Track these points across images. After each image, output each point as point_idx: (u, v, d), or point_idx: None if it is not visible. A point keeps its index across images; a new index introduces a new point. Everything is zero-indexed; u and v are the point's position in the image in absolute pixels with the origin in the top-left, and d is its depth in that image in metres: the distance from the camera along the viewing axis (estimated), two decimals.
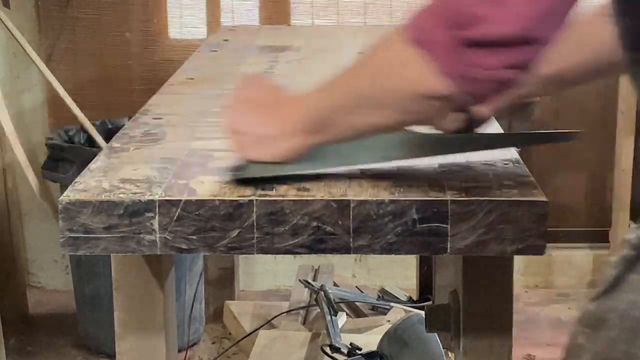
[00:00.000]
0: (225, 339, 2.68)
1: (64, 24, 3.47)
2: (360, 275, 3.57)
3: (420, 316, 2.17)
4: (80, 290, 3.07)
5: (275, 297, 3.32)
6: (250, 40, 2.50)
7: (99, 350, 3.06)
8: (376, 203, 1.17)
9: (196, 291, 3.01)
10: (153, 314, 1.34)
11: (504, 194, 1.19)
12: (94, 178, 1.26)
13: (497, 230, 1.17)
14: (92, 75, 3.49)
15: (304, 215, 1.17)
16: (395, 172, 1.29)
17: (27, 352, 3.10)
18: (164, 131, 1.52)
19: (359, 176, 1.26)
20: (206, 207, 1.18)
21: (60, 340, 3.17)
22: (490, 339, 1.34)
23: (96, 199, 1.18)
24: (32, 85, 3.46)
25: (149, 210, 1.18)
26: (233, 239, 1.18)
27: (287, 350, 2.40)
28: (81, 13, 3.47)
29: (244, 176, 1.23)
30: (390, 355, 2.13)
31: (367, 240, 1.18)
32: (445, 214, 1.17)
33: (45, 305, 3.44)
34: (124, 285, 1.34)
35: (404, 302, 2.98)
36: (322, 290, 2.53)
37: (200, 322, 3.02)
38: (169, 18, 3.50)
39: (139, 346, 1.35)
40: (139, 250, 1.19)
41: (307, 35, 2.65)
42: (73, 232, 1.18)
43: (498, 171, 1.29)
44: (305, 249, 1.18)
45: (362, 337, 2.44)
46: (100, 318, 2.97)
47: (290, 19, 3.48)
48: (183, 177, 1.26)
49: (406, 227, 1.17)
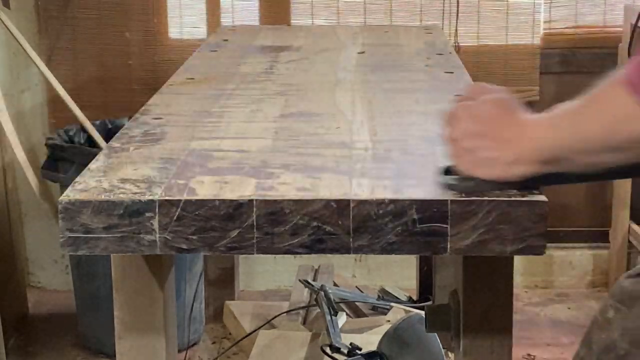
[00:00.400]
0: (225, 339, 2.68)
1: (64, 24, 3.47)
2: (360, 275, 3.57)
3: (420, 316, 2.17)
4: (80, 290, 3.07)
5: (275, 297, 3.32)
6: (250, 40, 2.50)
7: (99, 350, 3.06)
8: (376, 203, 1.17)
9: (196, 291, 3.01)
10: (153, 314, 1.34)
11: (504, 194, 1.19)
12: (94, 178, 1.26)
13: (497, 230, 1.17)
14: (92, 75, 3.49)
15: (304, 215, 1.17)
16: (396, 172, 1.30)
17: (27, 352, 3.10)
18: (164, 131, 1.52)
19: (359, 176, 1.26)
20: (206, 207, 1.18)
21: (60, 340, 3.18)
22: (490, 339, 1.34)
23: (96, 199, 1.18)
24: (32, 85, 3.46)
25: (149, 210, 1.18)
26: (233, 239, 1.18)
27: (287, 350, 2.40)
28: (81, 13, 3.47)
29: (471, 190, 1.21)
30: (390, 355, 2.13)
31: (367, 240, 1.18)
32: (445, 214, 1.17)
33: (45, 305, 3.44)
34: (124, 285, 1.34)
35: (404, 302, 2.98)
36: (322, 290, 2.53)
37: (200, 322, 3.02)
38: (169, 18, 3.50)
39: (139, 346, 1.35)
40: (139, 250, 1.19)
41: (307, 35, 2.66)
42: (73, 232, 1.18)
43: None
44: (305, 249, 1.18)
45: (362, 337, 2.44)
46: (100, 318, 2.97)
47: (290, 19, 3.48)
48: (183, 177, 1.26)
49: (406, 227, 1.17)
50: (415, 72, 2.05)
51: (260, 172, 1.29)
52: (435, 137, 1.48)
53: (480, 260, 1.29)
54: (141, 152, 1.40)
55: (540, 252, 1.18)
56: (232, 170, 1.30)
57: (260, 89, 1.86)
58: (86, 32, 3.48)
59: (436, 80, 1.97)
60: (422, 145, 1.45)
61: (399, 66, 2.15)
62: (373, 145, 1.44)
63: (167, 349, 1.36)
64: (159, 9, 3.48)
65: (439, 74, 2.02)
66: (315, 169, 1.31)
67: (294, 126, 1.56)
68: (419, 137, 1.49)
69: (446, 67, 2.10)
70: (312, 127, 1.55)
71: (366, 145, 1.44)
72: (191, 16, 3.50)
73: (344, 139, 1.48)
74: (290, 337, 2.46)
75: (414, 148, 1.44)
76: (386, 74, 2.04)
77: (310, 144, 1.45)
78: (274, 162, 1.34)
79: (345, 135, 1.50)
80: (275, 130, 1.52)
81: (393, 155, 1.39)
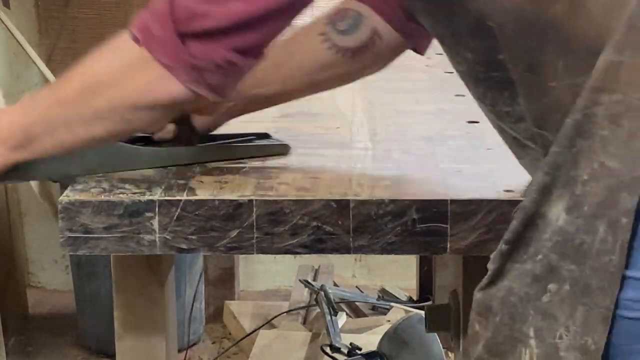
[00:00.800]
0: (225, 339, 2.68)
1: (64, 24, 3.47)
2: (360, 275, 3.57)
3: (420, 316, 2.17)
4: (80, 290, 3.07)
5: (275, 297, 3.32)
6: None
7: (99, 350, 3.06)
8: (376, 203, 1.17)
9: (196, 291, 3.01)
10: (153, 314, 1.34)
11: (504, 194, 1.19)
12: (93, 178, 1.26)
13: (497, 230, 1.17)
14: None
15: (303, 215, 1.17)
16: (396, 172, 1.30)
17: (27, 352, 3.10)
18: None
19: (359, 176, 1.26)
20: (206, 207, 1.18)
21: (60, 340, 3.17)
22: None
23: (96, 199, 1.18)
24: (32, 85, 3.46)
25: (149, 210, 1.18)
26: (233, 239, 1.18)
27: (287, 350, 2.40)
28: (81, 13, 3.47)
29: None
30: (390, 355, 2.13)
31: (367, 240, 1.18)
32: (445, 214, 1.17)
33: (45, 305, 3.43)
34: (124, 285, 1.34)
35: (404, 302, 2.98)
36: (322, 290, 2.53)
37: (200, 322, 3.02)
38: None
39: (139, 346, 1.35)
40: (139, 250, 1.19)
41: None
42: (73, 232, 1.18)
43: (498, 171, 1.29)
44: (305, 249, 1.18)
45: (362, 337, 2.45)
46: (100, 318, 2.97)
47: None
48: (183, 177, 1.26)
49: (406, 227, 1.17)
50: (415, 72, 2.05)
51: (260, 172, 1.29)
52: (435, 137, 1.48)
53: (480, 260, 1.29)
54: None
55: None
56: (232, 170, 1.30)
57: None
58: (86, 32, 3.48)
59: (436, 80, 1.97)
60: (422, 145, 1.45)
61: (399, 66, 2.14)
62: (373, 146, 1.44)
63: (167, 349, 1.36)
64: None
65: (439, 74, 2.02)
66: (315, 169, 1.31)
67: (294, 126, 1.56)
68: (419, 137, 1.49)
69: (446, 67, 2.10)
70: (312, 127, 1.55)
71: (366, 145, 1.44)
72: None
73: (344, 139, 1.48)
74: (290, 337, 2.46)
75: (414, 148, 1.44)
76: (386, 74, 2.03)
77: (310, 144, 1.45)
78: (274, 162, 1.34)
79: (345, 135, 1.50)
80: (275, 130, 1.52)
81: (393, 155, 1.39)
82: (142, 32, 1.12)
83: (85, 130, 1.17)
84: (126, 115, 1.15)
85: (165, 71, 1.11)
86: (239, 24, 1.09)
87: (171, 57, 1.11)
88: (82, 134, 1.17)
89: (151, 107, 1.14)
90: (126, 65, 1.14)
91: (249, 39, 1.11)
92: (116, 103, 1.15)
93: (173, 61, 1.11)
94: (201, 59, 1.10)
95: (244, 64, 1.12)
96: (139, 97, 1.14)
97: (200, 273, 2.94)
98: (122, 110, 1.15)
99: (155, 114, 1.15)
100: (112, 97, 1.14)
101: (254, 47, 1.12)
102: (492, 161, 1.34)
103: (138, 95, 1.14)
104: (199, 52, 1.10)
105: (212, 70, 1.11)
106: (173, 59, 1.11)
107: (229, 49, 1.10)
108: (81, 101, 1.16)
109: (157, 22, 1.11)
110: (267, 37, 1.13)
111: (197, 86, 1.12)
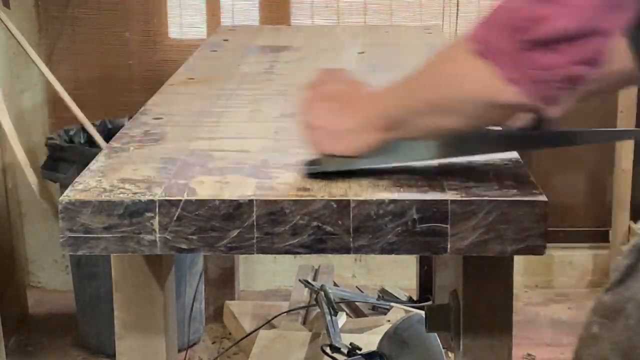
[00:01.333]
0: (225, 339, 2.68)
1: (64, 24, 3.47)
2: (360, 275, 3.57)
3: (420, 316, 2.17)
4: (80, 290, 3.07)
5: (275, 297, 3.32)
6: (250, 40, 2.50)
7: (99, 350, 3.06)
8: (376, 203, 1.17)
9: (196, 291, 3.01)
10: (153, 314, 1.34)
11: (504, 194, 1.19)
12: (94, 178, 1.26)
13: (497, 230, 1.17)
14: (92, 75, 3.49)
15: (304, 215, 1.17)
16: (396, 172, 1.29)
17: (27, 352, 3.10)
18: (164, 131, 1.52)
19: (359, 176, 1.26)
20: (206, 207, 1.18)
21: (60, 340, 3.17)
22: (490, 339, 1.34)
23: (96, 199, 1.18)
24: (32, 85, 3.46)
25: (149, 210, 1.18)
26: (233, 239, 1.18)
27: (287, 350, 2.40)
28: (81, 13, 3.47)
29: (318, 170, 1.25)
30: (390, 355, 2.13)
31: (367, 240, 1.18)
32: (445, 214, 1.17)
33: (45, 305, 3.43)
34: (124, 285, 1.34)
35: (404, 302, 2.98)
36: (322, 290, 2.53)
37: (200, 322, 3.02)
38: (169, 18, 3.50)
39: (139, 346, 1.35)
40: (139, 250, 1.19)
41: (307, 35, 2.66)
42: (73, 232, 1.18)
43: (498, 171, 1.29)
44: (305, 249, 1.18)
45: (362, 337, 2.44)
46: (100, 318, 2.97)
47: (290, 19, 3.48)
48: (183, 177, 1.26)
49: (406, 227, 1.17)
50: None
51: (260, 172, 1.29)
52: None
53: (480, 260, 1.29)
54: (141, 152, 1.40)
55: (541, 252, 1.18)
56: (232, 170, 1.30)
57: (260, 89, 1.86)
58: (86, 32, 3.48)
59: None
60: None
61: (399, 66, 2.15)
62: None
63: (167, 349, 1.36)
64: (159, 9, 3.48)
65: None
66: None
67: (294, 126, 1.55)
68: None
69: None
70: None
71: None
72: (191, 16, 3.50)
73: None
74: (290, 337, 2.46)
75: None
76: (386, 74, 2.03)
77: None
78: (274, 162, 1.34)
79: None
80: (275, 130, 1.52)
81: None
82: (482, 43, 1.07)
83: (447, 122, 1.17)
84: (477, 112, 1.13)
85: (510, 85, 1.06)
86: (584, 26, 1.00)
87: (515, 70, 1.05)
88: (443, 125, 1.17)
89: (497, 107, 1.10)
90: (469, 77, 1.11)
91: (597, 43, 1.02)
92: (467, 104, 1.13)
93: (517, 74, 1.05)
94: (547, 72, 1.03)
95: (589, 76, 1.04)
96: (484, 100, 1.11)
97: (200, 273, 2.94)
98: (472, 109, 1.13)
99: (500, 114, 1.13)
100: (463, 98, 1.12)
101: (600, 54, 1.03)
102: (492, 161, 1.33)
103: (483, 98, 1.10)
104: (545, 64, 1.03)
105: (557, 85, 1.04)
106: (518, 72, 1.05)
107: (576, 61, 1.02)
108: (439, 100, 1.16)
109: (495, 32, 1.06)
110: (612, 34, 1.03)
111: (541, 101, 1.06)
